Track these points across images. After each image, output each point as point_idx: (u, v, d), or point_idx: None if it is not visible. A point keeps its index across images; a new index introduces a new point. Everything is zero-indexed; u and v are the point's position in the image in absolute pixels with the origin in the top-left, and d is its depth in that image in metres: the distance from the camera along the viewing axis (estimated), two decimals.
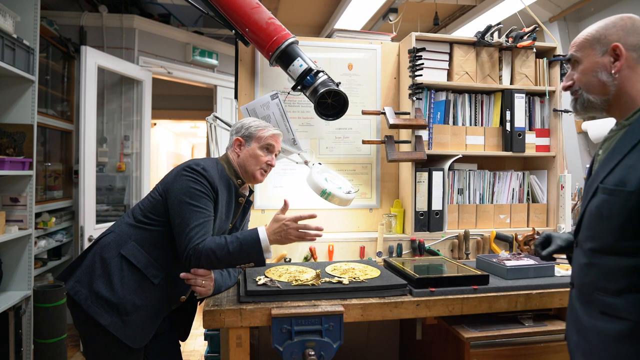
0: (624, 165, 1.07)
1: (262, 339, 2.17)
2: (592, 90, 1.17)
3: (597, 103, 1.17)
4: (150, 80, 4.17)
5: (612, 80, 1.13)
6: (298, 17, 4.67)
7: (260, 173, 1.73)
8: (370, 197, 2.43)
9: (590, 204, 1.15)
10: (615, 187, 1.07)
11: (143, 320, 1.54)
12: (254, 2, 2.04)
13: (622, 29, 1.12)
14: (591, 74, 1.16)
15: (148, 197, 1.64)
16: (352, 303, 1.56)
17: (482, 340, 1.60)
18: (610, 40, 1.13)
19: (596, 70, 1.15)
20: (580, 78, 1.19)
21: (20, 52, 2.56)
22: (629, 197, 1.04)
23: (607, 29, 1.14)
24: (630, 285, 1.06)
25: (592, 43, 1.16)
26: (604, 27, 1.15)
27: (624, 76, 1.12)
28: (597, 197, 1.12)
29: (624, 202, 1.05)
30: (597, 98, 1.17)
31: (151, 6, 4.54)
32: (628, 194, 1.04)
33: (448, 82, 2.34)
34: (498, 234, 2.32)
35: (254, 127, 1.74)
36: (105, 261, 1.54)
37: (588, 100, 1.18)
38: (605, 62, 1.14)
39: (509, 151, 2.36)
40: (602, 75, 1.14)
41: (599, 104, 1.17)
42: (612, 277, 1.09)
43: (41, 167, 3.53)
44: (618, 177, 1.07)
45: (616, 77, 1.12)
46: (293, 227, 1.54)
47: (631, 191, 1.03)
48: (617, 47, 1.11)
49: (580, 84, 1.19)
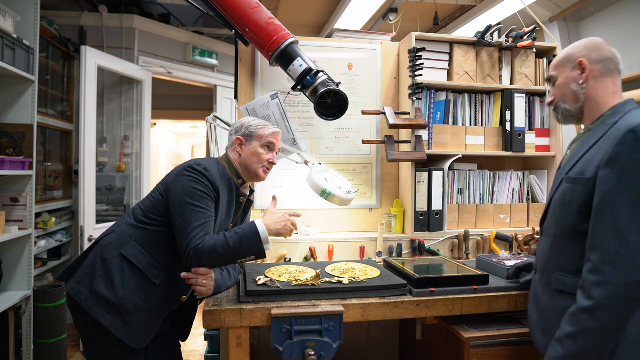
0: (585, 159, 1.28)
1: (262, 339, 2.17)
2: (567, 100, 1.39)
3: (573, 111, 1.39)
4: (150, 80, 4.16)
5: (582, 89, 1.36)
6: (298, 17, 4.67)
7: (263, 171, 1.74)
8: (370, 197, 2.43)
9: (556, 193, 1.37)
10: (577, 177, 1.28)
11: (144, 320, 1.54)
12: (254, 2, 2.04)
13: (586, 48, 1.36)
14: (565, 87, 1.39)
15: (149, 197, 1.64)
16: (352, 303, 1.56)
17: (482, 340, 1.60)
18: (577, 57, 1.36)
19: (568, 83, 1.38)
20: (557, 92, 1.42)
21: (20, 52, 2.56)
22: (587, 183, 1.24)
23: (574, 49, 1.39)
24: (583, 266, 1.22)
25: (564, 62, 1.40)
26: (572, 48, 1.40)
27: (590, 85, 1.35)
28: (562, 186, 1.34)
29: (582, 188, 1.25)
30: (572, 106, 1.39)
31: (151, 6, 4.54)
32: (587, 181, 1.24)
33: (448, 82, 2.34)
34: (498, 234, 2.32)
35: (254, 126, 1.74)
36: (106, 261, 1.53)
37: (566, 109, 1.40)
38: (574, 75, 1.37)
39: (509, 151, 2.36)
40: (573, 86, 1.37)
41: (574, 111, 1.39)
42: (570, 259, 1.28)
43: (41, 167, 3.53)
44: (580, 168, 1.28)
45: (584, 87, 1.35)
46: (289, 219, 1.63)
47: (589, 178, 1.23)
48: (582, 62, 1.35)
49: (557, 97, 1.42)
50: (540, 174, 2.48)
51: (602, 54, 1.33)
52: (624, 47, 3.24)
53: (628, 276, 1.11)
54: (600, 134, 1.27)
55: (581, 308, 1.17)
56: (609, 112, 1.31)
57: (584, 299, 1.17)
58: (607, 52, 1.34)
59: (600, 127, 1.30)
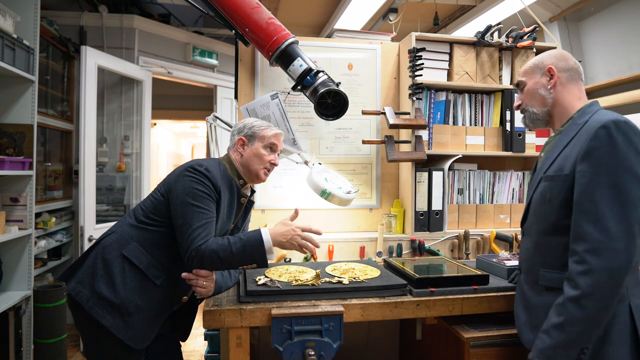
0: (561, 157, 1.34)
1: (262, 339, 2.17)
2: (535, 104, 1.47)
3: (540, 115, 1.47)
4: (150, 80, 4.16)
5: (549, 94, 1.44)
6: (298, 17, 4.67)
7: (264, 172, 1.74)
8: (370, 197, 2.43)
9: (535, 193, 1.42)
10: (555, 174, 1.34)
11: (145, 321, 1.54)
12: (254, 2, 2.04)
13: (555, 57, 1.46)
14: (534, 92, 1.47)
15: (150, 197, 1.63)
16: (352, 303, 1.56)
17: (482, 340, 1.60)
18: (545, 64, 1.45)
19: (537, 88, 1.46)
20: (525, 97, 1.50)
21: (20, 52, 2.56)
22: (566, 179, 1.30)
23: (543, 58, 1.47)
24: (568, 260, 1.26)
25: (534, 69, 1.48)
26: (540, 57, 1.48)
27: (558, 91, 1.43)
28: (540, 185, 1.39)
29: (562, 184, 1.31)
30: (539, 110, 1.47)
31: (151, 6, 4.54)
32: (565, 177, 1.30)
33: (448, 82, 2.34)
34: (498, 234, 2.32)
35: (257, 126, 1.74)
36: (107, 262, 1.53)
37: (533, 113, 1.48)
38: (543, 81, 1.45)
39: (509, 151, 2.36)
40: (541, 91, 1.45)
41: (541, 115, 1.47)
42: (555, 255, 1.33)
43: (41, 167, 3.53)
44: (557, 166, 1.34)
45: (552, 92, 1.44)
46: (300, 234, 1.57)
47: (567, 174, 1.29)
48: (551, 69, 1.44)
49: (526, 101, 1.50)
50: None
51: (568, 63, 1.44)
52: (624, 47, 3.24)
53: (612, 262, 1.16)
54: (572, 134, 1.34)
55: (568, 297, 1.20)
56: (577, 114, 1.39)
57: (570, 288, 1.21)
58: (573, 62, 1.45)
59: (571, 127, 1.37)
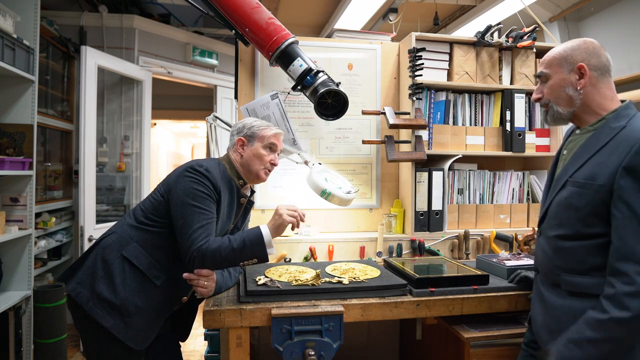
0: (593, 162, 1.24)
1: (262, 339, 2.17)
2: (561, 103, 1.35)
3: (565, 115, 1.36)
4: (150, 80, 4.16)
5: (578, 95, 1.31)
6: (298, 17, 4.67)
7: (265, 172, 1.74)
8: (370, 197, 2.43)
9: (558, 195, 1.32)
10: (585, 181, 1.24)
11: (145, 321, 1.54)
12: (254, 2, 2.04)
13: (586, 52, 1.31)
14: (560, 89, 1.34)
15: (149, 197, 1.63)
16: (352, 303, 1.56)
17: (482, 340, 1.60)
18: (575, 60, 1.31)
19: (564, 86, 1.33)
20: (550, 92, 1.37)
21: (20, 52, 2.56)
22: (599, 189, 1.21)
23: (573, 50, 1.32)
24: (594, 265, 1.23)
25: (560, 62, 1.34)
26: (570, 48, 1.33)
27: (587, 92, 1.31)
28: (566, 189, 1.29)
29: (593, 194, 1.22)
30: (565, 110, 1.35)
31: (151, 6, 4.54)
32: (598, 187, 1.21)
33: (448, 82, 2.34)
34: (498, 234, 2.32)
35: (257, 126, 1.74)
36: (107, 262, 1.53)
37: (558, 112, 1.36)
38: (572, 79, 1.32)
39: (509, 151, 2.36)
40: (569, 90, 1.32)
41: (566, 115, 1.36)
42: (577, 259, 1.26)
43: (41, 167, 3.52)
44: (588, 172, 1.24)
45: (581, 92, 1.31)
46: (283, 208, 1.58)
47: (601, 184, 1.20)
48: (583, 67, 1.30)
49: (550, 97, 1.37)
50: (540, 174, 2.48)
51: (600, 60, 1.31)
52: (624, 47, 3.24)
53: None
54: (606, 139, 1.24)
55: (615, 319, 1.14)
56: (612, 115, 1.28)
57: (616, 309, 1.14)
58: (605, 58, 1.31)
59: (604, 130, 1.27)
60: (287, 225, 1.59)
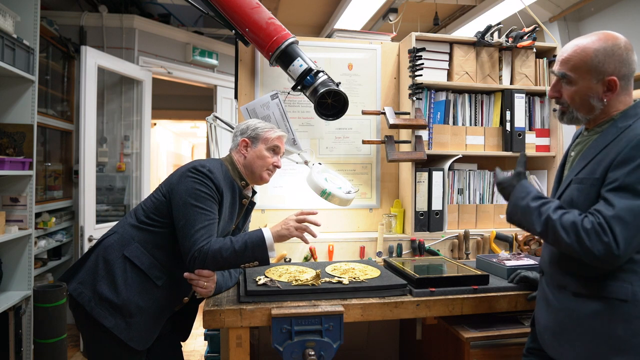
0: (595, 161, 1.25)
1: (262, 339, 2.17)
2: (582, 110, 1.30)
3: (582, 119, 1.32)
4: (150, 80, 4.16)
5: (601, 104, 1.27)
6: (298, 17, 4.67)
7: (267, 174, 1.74)
8: (370, 197, 2.43)
9: (564, 194, 1.32)
10: (585, 177, 1.25)
11: (147, 322, 1.54)
12: (254, 2, 2.04)
13: (619, 61, 1.23)
14: (584, 97, 1.28)
15: (151, 197, 1.63)
16: (352, 303, 1.56)
17: (482, 340, 1.60)
18: (607, 71, 1.23)
19: (589, 95, 1.27)
20: (573, 97, 1.30)
21: (20, 52, 2.56)
22: (595, 182, 1.22)
23: (606, 57, 1.23)
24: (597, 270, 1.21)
25: (590, 69, 1.24)
26: (603, 53, 1.23)
27: (610, 102, 1.27)
28: (570, 187, 1.30)
29: (590, 187, 1.23)
30: (583, 116, 1.31)
31: (151, 6, 4.54)
32: (594, 180, 1.22)
33: (448, 82, 2.34)
34: (498, 234, 2.32)
35: (260, 128, 1.74)
36: (108, 263, 1.53)
37: (576, 118, 1.32)
38: (599, 90, 1.25)
39: (509, 151, 2.36)
40: (593, 100, 1.27)
41: (583, 120, 1.32)
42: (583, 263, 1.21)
43: (41, 167, 3.52)
44: (589, 169, 1.25)
45: (605, 102, 1.26)
46: (293, 219, 1.58)
47: (597, 178, 1.22)
48: (614, 82, 1.23)
49: (570, 102, 1.31)
50: (540, 174, 2.48)
51: (630, 67, 1.24)
52: None
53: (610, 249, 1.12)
54: (612, 137, 1.24)
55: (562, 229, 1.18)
56: (620, 115, 1.26)
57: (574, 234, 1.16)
58: (634, 63, 1.25)
59: (610, 130, 1.26)
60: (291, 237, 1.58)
